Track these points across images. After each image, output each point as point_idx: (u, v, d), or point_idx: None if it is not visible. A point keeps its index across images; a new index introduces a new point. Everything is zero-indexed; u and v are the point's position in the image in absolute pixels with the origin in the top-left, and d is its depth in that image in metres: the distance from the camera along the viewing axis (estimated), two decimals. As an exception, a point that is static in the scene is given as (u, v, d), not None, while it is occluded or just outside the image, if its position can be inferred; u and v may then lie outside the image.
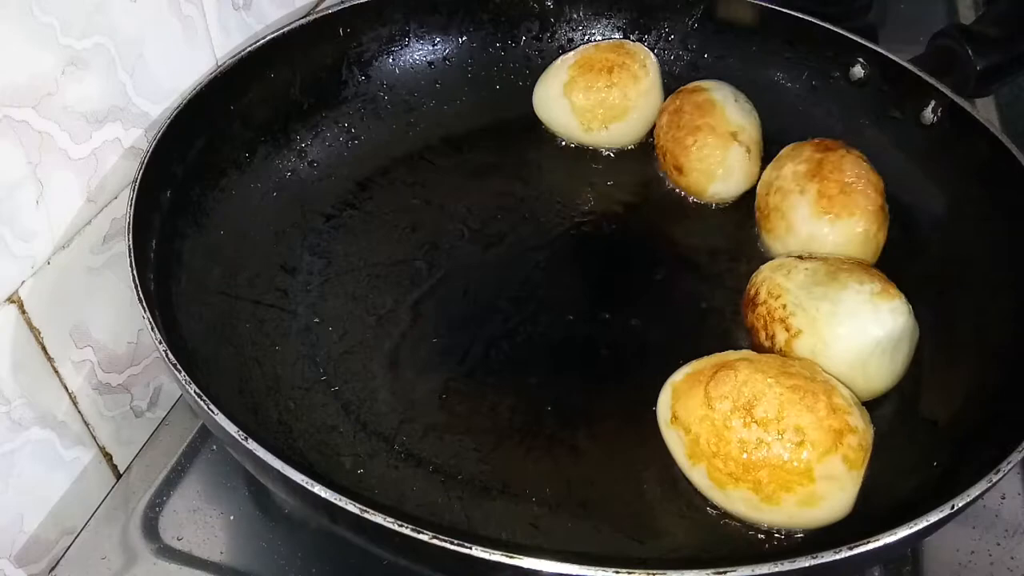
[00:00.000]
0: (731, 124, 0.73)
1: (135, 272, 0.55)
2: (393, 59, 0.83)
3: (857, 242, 0.65)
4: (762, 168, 0.73)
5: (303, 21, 0.76)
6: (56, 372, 0.60)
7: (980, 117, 0.68)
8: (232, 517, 0.62)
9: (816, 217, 0.65)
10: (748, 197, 0.74)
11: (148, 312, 0.53)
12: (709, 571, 0.41)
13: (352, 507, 0.44)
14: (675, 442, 0.55)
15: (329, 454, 0.58)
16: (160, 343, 0.51)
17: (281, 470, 0.46)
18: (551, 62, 0.82)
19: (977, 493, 0.46)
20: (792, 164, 0.67)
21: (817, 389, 0.51)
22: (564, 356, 0.65)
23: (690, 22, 0.85)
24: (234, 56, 0.71)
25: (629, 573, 0.41)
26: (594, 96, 0.78)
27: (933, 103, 0.71)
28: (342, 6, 0.79)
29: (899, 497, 0.53)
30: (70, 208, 0.59)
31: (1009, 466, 0.47)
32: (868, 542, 0.43)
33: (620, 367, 0.64)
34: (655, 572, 0.42)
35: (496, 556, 0.42)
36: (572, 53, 0.81)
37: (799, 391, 0.51)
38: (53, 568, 0.61)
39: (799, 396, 0.51)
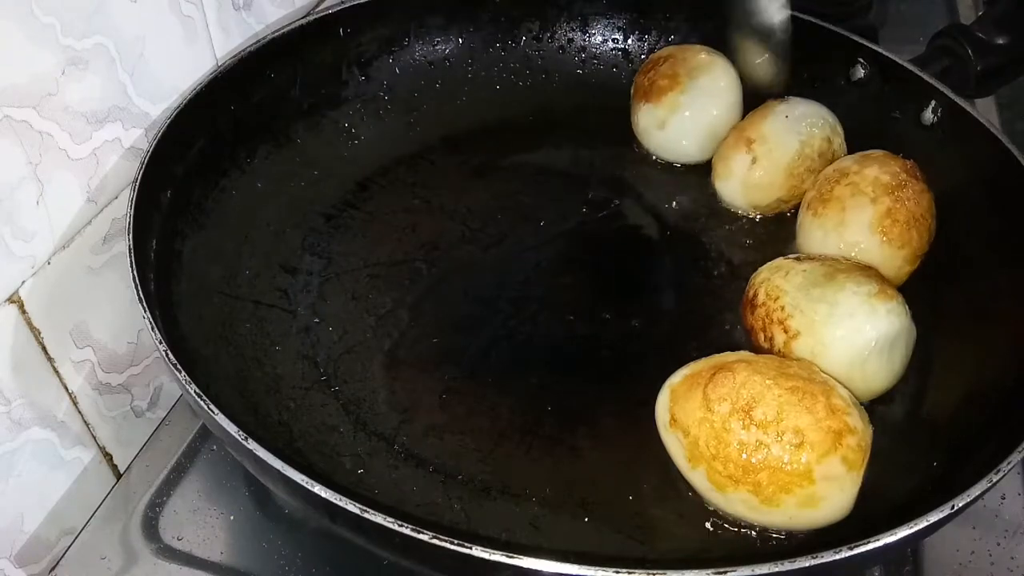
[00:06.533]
0: (756, 132, 0.71)
1: (135, 272, 0.55)
2: (393, 59, 0.83)
3: (886, 269, 0.63)
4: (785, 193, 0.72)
5: (303, 21, 0.76)
6: (56, 372, 0.60)
7: (980, 117, 0.68)
8: (232, 517, 0.62)
9: (872, 231, 0.63)
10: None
11: (148, 312, 0.53)
12: (709, 571, 0.41)
13: (352, 507, 0.44)
14: (674, 445, 0.54)
15: (329, 454, 0.58)
16: (160, 343, 0.52)
17: (281, 470, 0.46)
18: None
19: (977, 493, 0.46)
20: (878, 169, 0.65)
21: (815, 390, 0.51)
22: (564, 356, 0.65)
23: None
24: (234, 56, 0.71)
25: (629, 573, 0.41)
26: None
27: (933, 103, 0.71)
28: (342, 6, 0.79)
29: (899, 497, 0.53)
30: (70, 208, 0.59)
31: (1009, 466, 0.47)
32: (868, 542, 0.43)
33: (620, 367, 0.64)
34: (655, 572, 0.42)
35: (496, 556, 0.42)
36: None
37: (798, 392, 0.51)
38: (53, 568, 0.61)
39: (798, 397, 0.51)
